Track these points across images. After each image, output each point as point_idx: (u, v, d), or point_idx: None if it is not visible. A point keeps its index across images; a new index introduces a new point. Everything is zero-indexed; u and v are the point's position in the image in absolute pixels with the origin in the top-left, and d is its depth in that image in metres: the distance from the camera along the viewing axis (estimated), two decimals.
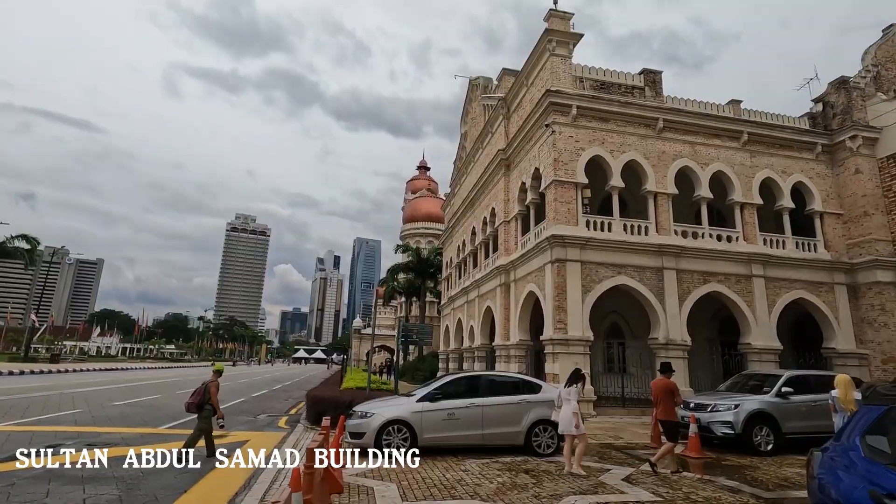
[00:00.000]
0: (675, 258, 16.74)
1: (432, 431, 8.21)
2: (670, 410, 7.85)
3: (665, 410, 7.86)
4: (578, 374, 7.90)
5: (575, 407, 7.50)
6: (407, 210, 57.89)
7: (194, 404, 7.90)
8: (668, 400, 7.87)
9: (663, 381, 8.12)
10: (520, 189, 20.01)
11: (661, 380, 8.23)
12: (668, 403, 7.85)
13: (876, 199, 18.37)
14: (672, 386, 8.02)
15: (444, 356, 32.32)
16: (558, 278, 15.74)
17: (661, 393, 7.96)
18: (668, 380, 8.16)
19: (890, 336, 17.09)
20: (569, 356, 15.17)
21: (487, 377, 8.88)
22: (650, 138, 17.82)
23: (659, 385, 8.10)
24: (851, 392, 7.56)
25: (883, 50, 20.69)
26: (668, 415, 7.83)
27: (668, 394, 7.89)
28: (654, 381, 8.38)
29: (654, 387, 8.21)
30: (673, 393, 7.90)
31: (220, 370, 8.45)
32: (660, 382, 8.15)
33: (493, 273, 21.61)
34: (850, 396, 7.55)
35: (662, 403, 7.92)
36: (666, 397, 7.88)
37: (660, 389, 8.01)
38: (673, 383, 8.14)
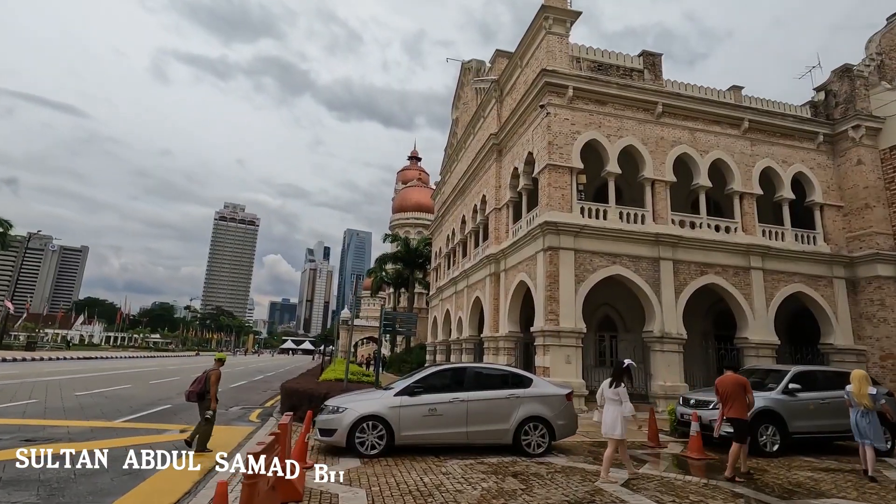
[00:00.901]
0: (672, 248, 16.05)
1: (411, 428, 7.42)
2: (743, 408, 7.22)
3: (736, 409, 7.23)
4: (623, 370, 6.98)
5: (629, 410, 6.70)
6: (397, 200, 56.85)
7: (195, 393, 7.66)
8: (741, 397, 7.24)
9: (734, 377, 7.48)
10: (512, 175, 19.19)
11: (730, 376, 7.57)
12: (740, 401, 7.22)
13: (878, 191, 17.81)
14: (745, 382, 7.39)
15: (432, 348, 31.59)
16: (551, 267, 14.99)
17: (732, 389, 7.31)
18: (738, 376, 7.54)
19: (889, 332, 16.60)
20: (560, 349, 14.47)
21: (473, 369, 8.10)
22: (648, 123, 17.06)
23: (730, 381, 7.43)
24: (866, 387, 7.47)
25: (887, 38, 20.08)
26: (741, 413, 7.20)
27: (741, 390, 7.27)
28: (723, 377, 7.65)
29: (723, 383, 7.51)
30: (746, 389, 7.30)
31: (223, 359, 8.20)
32: (730, 378, 7.49)
33: (483, 262, 20.82)
34: (864, 391, 7.44)
35: (734, 401, 7.26)
36: (739, 394, 7.25)
37: (731, 386, 7.35)
38: (745, 379, 7.49)
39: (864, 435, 7.28)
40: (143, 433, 9.12)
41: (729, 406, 7.31)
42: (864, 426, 7.29)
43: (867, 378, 7.70)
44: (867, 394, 7.39)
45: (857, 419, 7.38)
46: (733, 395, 7.29)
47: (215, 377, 7.78)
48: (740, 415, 7.19)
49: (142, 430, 9.43)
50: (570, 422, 8.09)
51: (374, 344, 70.37)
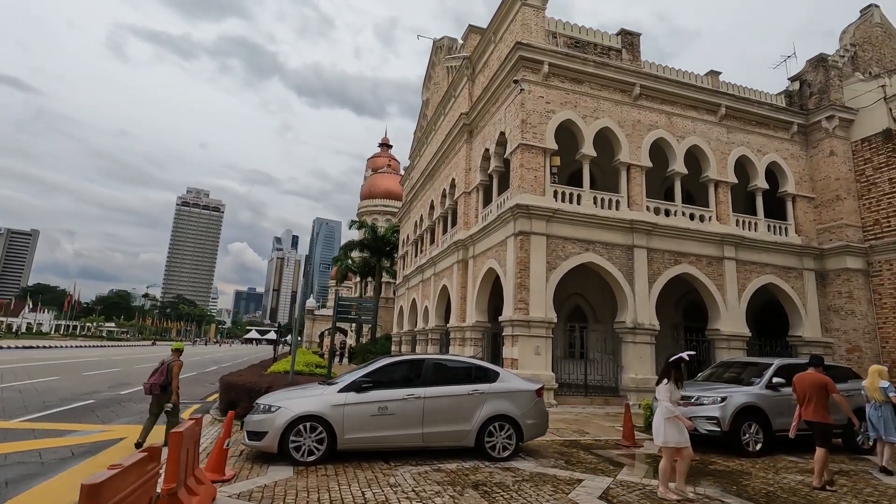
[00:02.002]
0: (646, 236, 15.41)
1: (358, 430, 6.34)
2: (824, 411, 6.45)
3: (817, 411, 6.45)
4: (671, 366, 5.86)
5: (668, 411, 5.57)
6: (365, 186, 55.13)
7: (158, 385, 7.33)
8: (822, 398, 6.48)
9: (815, 376, 6.67)
10: (482, 157, 18.18)
11: (811, 374, 6.75)
12: (821, 402, 6.47)
13: (848, 183, 17.66)
14: (828, 382, 6.56)
15: (398, 338, 30.53)
16: (521, 253, 14.09)
17: (813, 390, 6.53)
18: (821, 374, 6.71)
19: (856, 325, 16.50)
20: (529, 340, 13.63)
21: (432, 362, 7.05)
22: (625, 105, 16.31)
23: (810, 380, 6.63)
24: (877, 380, 7.31)
25: (861, 30, 19.96)
26: (822, 416, 6.43)
27: (823, 391, 6.51)
28: (801, 374, 6.84)
29: (802, 382, 6.72)
30: (828, 390, 6.51)
31: (181, 349, 7.75)
32: (810, 377, 6.68)
33: (451, 249, 19.81)
34: (875, 384, 7.29)
35: (814, 402, 6.48)
36: (820, 395, 6.49)
37: (812, 386, 6.56)
38: (828, 379, 6.63)
39: (875, 428, 7.13)
40: (41, 435, 7.73)
41: (810, 408, 6.52)
42: (875, 419, 7.16)
43: (881, 372, 7.44)
44: (878, 387, 7.23)
45: (870, 413, 7.21)
46: (814, 396, 6.52)
47: (178, 368, 7.51)
48: (823, 418, 6.43)
49: (40, 431, 8.02)
50: (540, 420, 7.17)
51: (341, 334, 68.88)
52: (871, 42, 19.88)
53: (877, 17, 20.31)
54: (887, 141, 16.93)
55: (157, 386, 7.33)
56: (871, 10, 20.33)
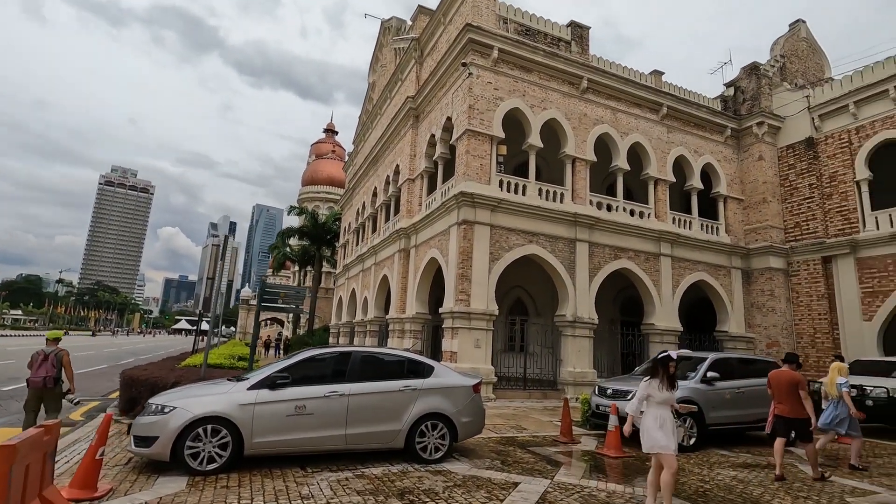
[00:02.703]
0: (588, 230, 15.41)
1: (270, 433, 5.54)
2: (799, 407, 6.61)
3: (793, 407, 6.63)
4: (658, 363, 5.15)
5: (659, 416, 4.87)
6: (308, 171, 52.86)
7: (52, 378, 6.61)
8: (796, 395, 6.64)
9: (790, 374, 6.83)
10: (428, 143, 17.52)
11: (786, 371, 6.91)
12: (796, 399, 6.63)
13: (774, 187, 18.60)
14: (801, 380, 6.75)
15: (336, 330, 29.40)
16: (464, 243, 13.61)
17: (787, 387, 6.71)
18: (795, 372, 6.88)
19: (776, 321, 17.43)
20: (470, 332, 13.21)
21: (360, 355, 6.35)
22: (573, 98, 16.21)
23: (786, 378, 6.79)
24: (835, 377, 7.45)
25: (789, 43, 21.07)
26: (798, 412, 6.60)
27: (797, 388, 6.67)
28: (777, 371, 7.01)
29: (778, 379, 6.86)
30: (800, 387, 6.67)
31: (58, 337, 7.09)
32: (786, 375, 6.83)
33: (393, 238, 19.05)
34: (833, 380, 7.47)
35: (789, 399, 6.66)
36: (794, 392, 6.66)
37: (787, 384, 6.74)
38: (801, 378, 6.80)
39: (828, 420, 7.33)
40: None
41: (783, 403, 6.72)
42: (832, 416, 7.32)
43: (840, 369, 7.57)
44: (836, 383, 7.39)
45: (831, 410, 7.40)
46: (788, 393, 6.69)
47: (68, 357, 6.86)
48: (798, 414, 6.59)
49: None
50: (476, 418, 6.68)
51: (278, 325, 66.10)
52: (797, 55, 21.03)
53: (803, 31, 21.53)
54: (809, 148, 17.94)
55: (52, 379, 6.63)
56: (799, 25, 21.52)
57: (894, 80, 15.78)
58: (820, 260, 17.05)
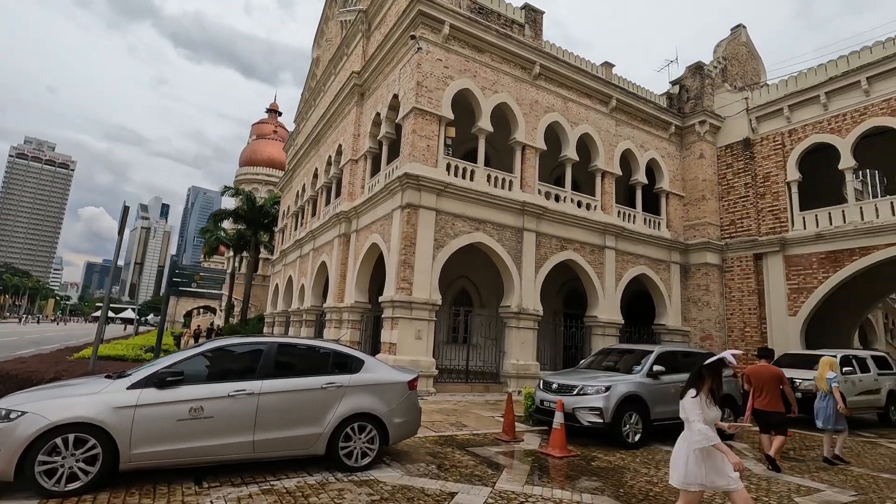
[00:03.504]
0: (536, 220, 15.05)
1: (156, 442, 4.53)
2: (778, 400, 6.94)
3: (772, 401, 6.93)
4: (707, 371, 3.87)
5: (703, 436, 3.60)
6: (246, 151, 49.80)
7: None
8: (776, 389, 6.97)
9: (772, 369, 7.12)
10: (373, 122, 16.50)
11: (766, 366, 7.18)
12: (776, 393, 6.96)
13: (713, 185, 19.09)
14: (782, 374, 7.08)
15: (271, 320, 27.75)
16: (408, 228, 12.80)
17: (769, 382, 6.99)
18: (775, 367, 7.22)
19: (710, 315, 17.94)
20: (411, 322, 12.45)
21: (275, 347, 5.40)
22: (525, 83, 15.72)
23: (767, 373, 7.06)
24: (826, 371, 7.54)
25: (731, 47, 21.71)
26: (777, 405, 6.92)
27: (778, 382, 7.00)
28: (757, 366, 7.23)
29: (759, 374, 7.10)
30: (782, 381, 7.02)
31: None
32: (768, 370, 7.10)
33: (333, 222, 17.90)
34: (823, 375, 7.54)
35: (769, 393, 6.94)
36: (775, 386, 6.97)
37: (769, 378, 7.00)
38: (782, 372, 7.15)
39: (825, 419, 7.39)
40: None
41: (763, 397, 6.97)
42: (821, 410, 7.43)
43: (831, 364, 7.73)
44: (825, 378, 7.48)
45: (817, 403, 7.53)
46: (769, 388, 6.97)
47: None
48: (777, 407, 6.91)
49: None
50: (411, 418, 5.94)
51: (210, 314, 62.41)
52: (737, 59, 21.73)
53: (744, 36, 22.27)
54: (746, 149, 18.52)
55: None
56: (740, 30, 22.24)
57: (825, 87, 16.47)
58: (752, 257, 17.67)
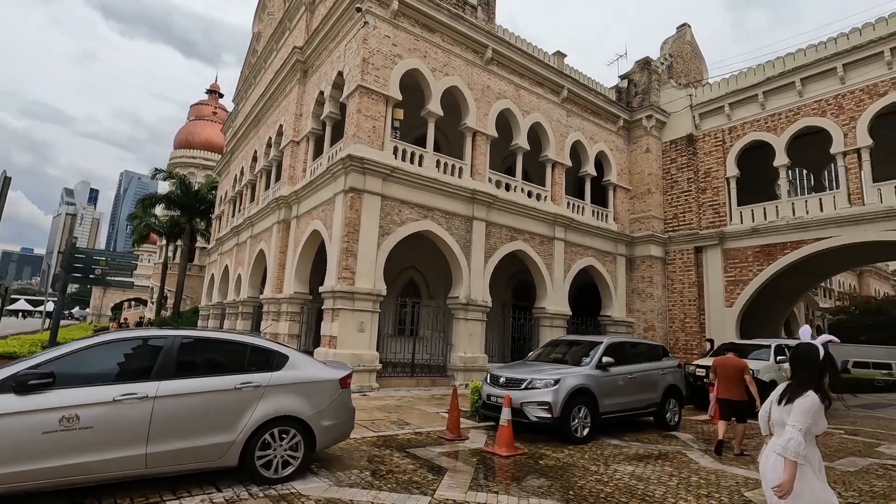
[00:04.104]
0: (486, 209, 14.64)
1: (13, 461, 3.64)
2: (741, 390, 7.36)
3: (737, 390, 7.36)
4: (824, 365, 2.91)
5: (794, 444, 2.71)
6: (182, 133, 46.53)
7: None
8: (740, 379, 7.38)
9: (736, 360, 7.58)
10: (316, 101, 15.48)
11: (732, 358, 7.62)
12: (740, 383, 7.37)
13: (658, 179, 19.45)
14: (745, 366, 7.52)
15: (207, 312, 26.00)
16: (351, 213, 12.01)
17: (734, 373, 7.42)
18: (739, 359, 7.67)
19: (653, 306, 18.31)
20: (353, 314, 11.71)
21: (177, 341, 4.55)
22: (477, 67, 15.22)
23: (733, 364, 7.50)
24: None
25: (676, 45, 22.21)
26: (740, 395, 7.37)
27: (741, 373, 7.41)
28: (723, 358, 7.68)
29: (725, 365, 7.54)
30: (745, 373, 7.42)
31: None
32: (733, 361, 7.55)
33: (272, 207, 16.74)
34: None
35: (734, 383, 7.37)
36: (739, 377, 7.39)
37: (734, 369, 7.44)
38: (746, 363, 7.62)
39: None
40: None
41: (728, 387, 7.37)
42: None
43: None
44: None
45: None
46: (732, 378, 7.37)
47: None
48: (740, 397, 7.33)
49: None
50: (342, 419, 5.27)
51: (141, 306, 58.39)
52: (682, 57, 22.25)
53: (688, 35, 22.85)
54: (689, 144, 18.97)
55: None
56: (685, 29, 22.79)
57: (763, 87, 17.06)
58: (693, 250, 18.15)
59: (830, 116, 15.47)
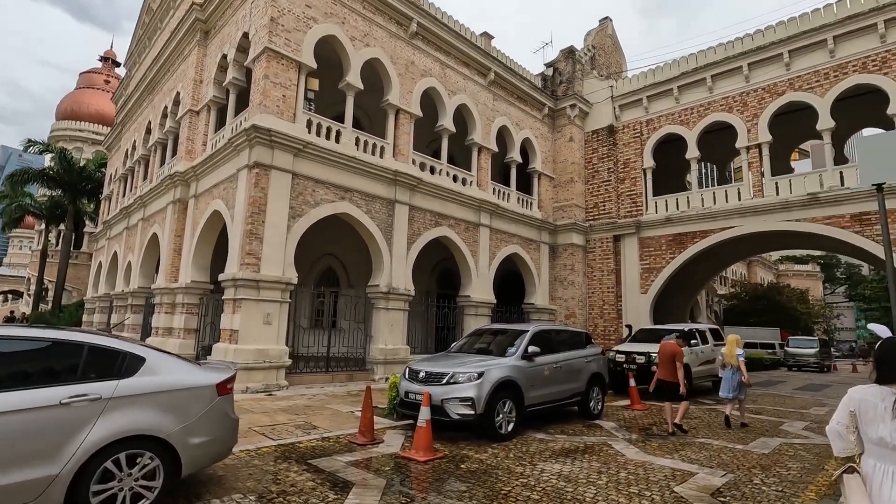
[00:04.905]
0: (409, 192, 13.82)
1: None
2: (674, 373, 7.81)
3: (672, 372, 7.83)
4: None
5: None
6: (67, 101, 40.75)
7: None
8: (672, 363, 7.84)
9: (672, 345, 8.03)
10: (219, 66, 13.72)
11: (670, 343, 8.13)
12: (673, 366, 7.83)
13: (580, 168, 19.67)
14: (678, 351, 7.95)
15: (93, 305, 22.92)
16: (256, 191, 10.66)
17: (668, 356, 7.93)
18: (675, 344, 8.08)
19: (574, 294, 18.56)
20: (258, 305, 10.44)
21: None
22: (400, 41, 14.26)
23: (668, 349, 8.01)
24: (735, 349, 8.43)
25: (599, 37, 22.57)
26: (673, 377, 7.82)
27: (674, 358, 7.86)
28: (663, 342, 8.28)
29: (664, 349, 8.11)
30: (677, 357, 7.87)
31: None
32: (669, 346, 8.04)
33: (167, 185, 14.76)
34: (733, 352, 8.42)
35: (668, 367, 7.89)
36: (671, 361, 7.86)
37: (669, 353, 7.95)
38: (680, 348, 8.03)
39: (731, 389, 8.35)
40: None
41: (666, 369, 7.88)
42: (733, 383, 8.33)
43: (738, 341, 8.63)
44: (735, 354, 8.38)
45: (729, 377, 8.40)
46: (668, 361, 7.88)
47: None
48: (673, 379, 7.78)
49: None
50: (220, 435, 4.24)
51: (20, 300, 51.23)
52: (604, 49, 22.69)
53: (610, 29, 23.34)
54: (610, 135, 19.34)
55: None
56: (607, 22, 23.25)
57: (677, 81, 17.68)
58: (612, 238, 18.58)
59: (736, 112, 16.33)
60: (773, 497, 4.76)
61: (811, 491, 4.99)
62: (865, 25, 14.04)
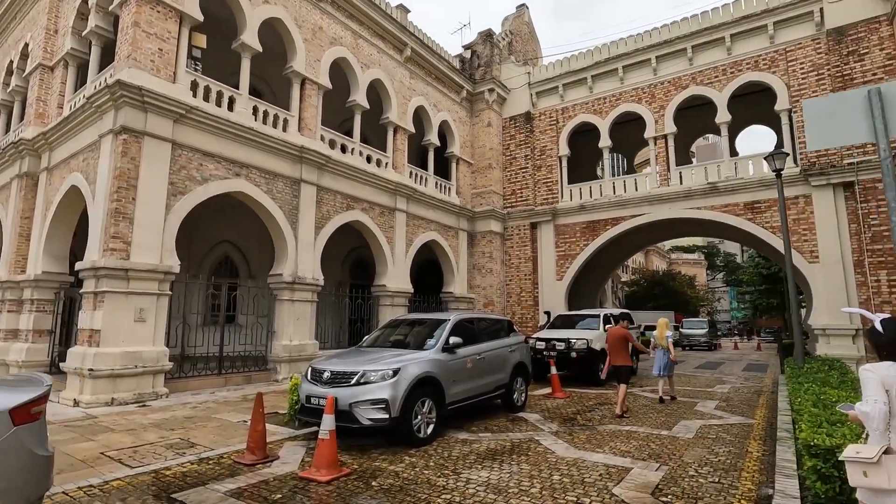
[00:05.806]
0: (317, 171, 12.49)
1: None
2: (626, 356, 8.20)
3: (623, 356, 8.16)
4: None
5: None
6: None
7: None
8: (625, 346, 8.19)
9: (620, 330, 8.35)
10: (78, 12, 11.38)
11: (618, 328, 8.44)
12: (625, 349, 8.18)
13: (498, 154, 19.38)
14: (627, 334, 8.31)
15: None
16: (124, 162, 8.82)
17: (618, 341, 8.19)
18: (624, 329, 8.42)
19: (492, 281, 18.27)
20: (128, 299, 8.66)
21: None
22: (306, 2, 12.79)
23: (617, 333, 8.31)
24: (664, 331, 9.22)
25: (516, 24, 22.41)
26: (625, 360, 8.15)
27: (625, 341, 8.20)
28: (611, 328, 8.69)
29: (613, 334, 8.37)
30: (628, 339, 8.24)
31: None
32: (618, 331, 8.33)
33: (11, 156, 12.08)
34: (663, 334, 9.20)
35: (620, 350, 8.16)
36: (623, 344, 8.17)
37: (618, 338, 8.23)
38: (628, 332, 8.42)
39: (663, 368, 9.12)
40: None
41: (616, 354, 8.17)
42: (664, 361, 9.11)
43: (665, 324, 9.32)
44: (665, 336, 9.21)
45: (661, 356, 9.18)
46: (618, 345, 8.17)
47: None
48: (625, 362, 8.16)
49: None
50: (15, 484, 2.95)
51: None
52: (520, 36, 22.58)
53: (526, 16, 23.29)
54: (527, 122, 19.22)
55: None
56: (524, 10, 23.13)
57: (591, 71, 17.90)
58: (529, 225, 18.51)
59: (645, 104, 16.84)
60: (713, 491, 4.42)
61: (745, 479, 4.74)
62: (757, 26, 14.98)
